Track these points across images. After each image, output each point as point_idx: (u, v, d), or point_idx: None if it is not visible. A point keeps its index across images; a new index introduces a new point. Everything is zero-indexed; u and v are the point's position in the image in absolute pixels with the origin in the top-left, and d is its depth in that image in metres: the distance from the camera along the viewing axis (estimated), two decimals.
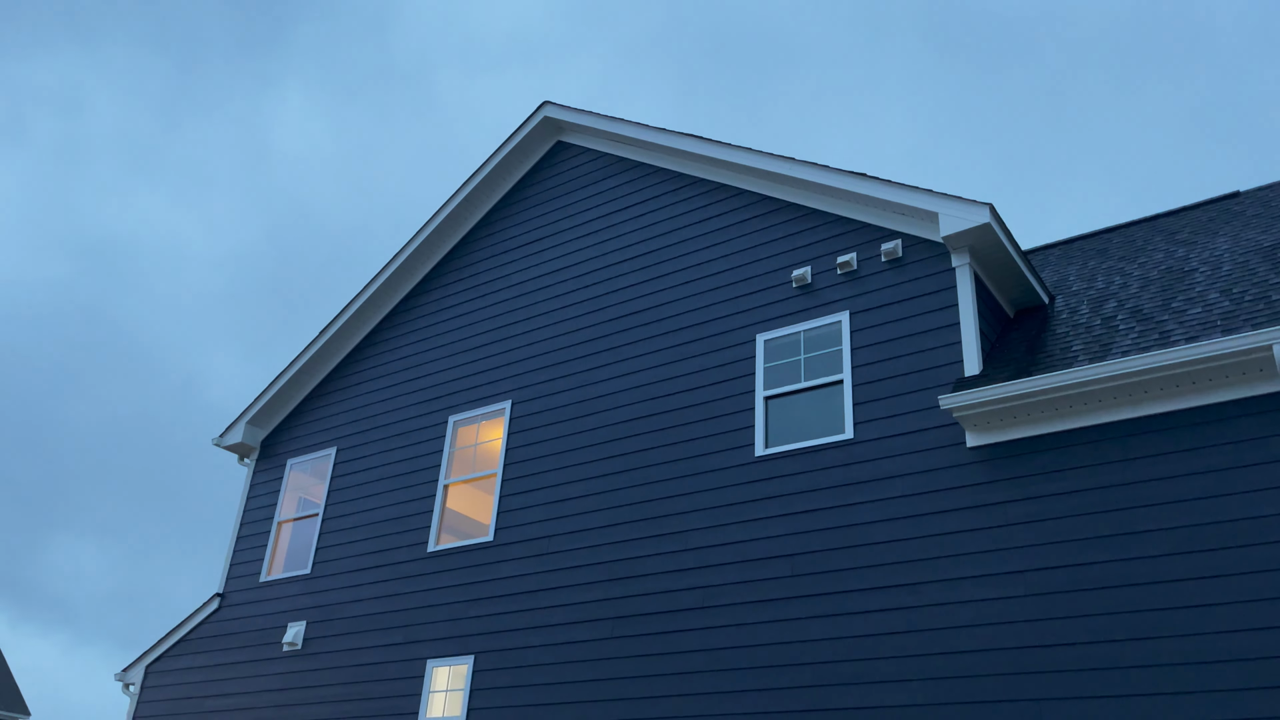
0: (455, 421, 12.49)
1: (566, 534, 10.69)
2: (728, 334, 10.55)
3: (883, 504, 8.75)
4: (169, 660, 13.53)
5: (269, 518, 13.78)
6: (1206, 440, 7.46)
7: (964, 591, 8.03)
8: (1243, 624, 6.84)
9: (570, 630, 10.12)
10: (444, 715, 10.61)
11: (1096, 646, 7.30)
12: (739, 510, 9.57)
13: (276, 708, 12.02)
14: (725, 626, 9.14)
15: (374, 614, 11.80)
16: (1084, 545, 7.64)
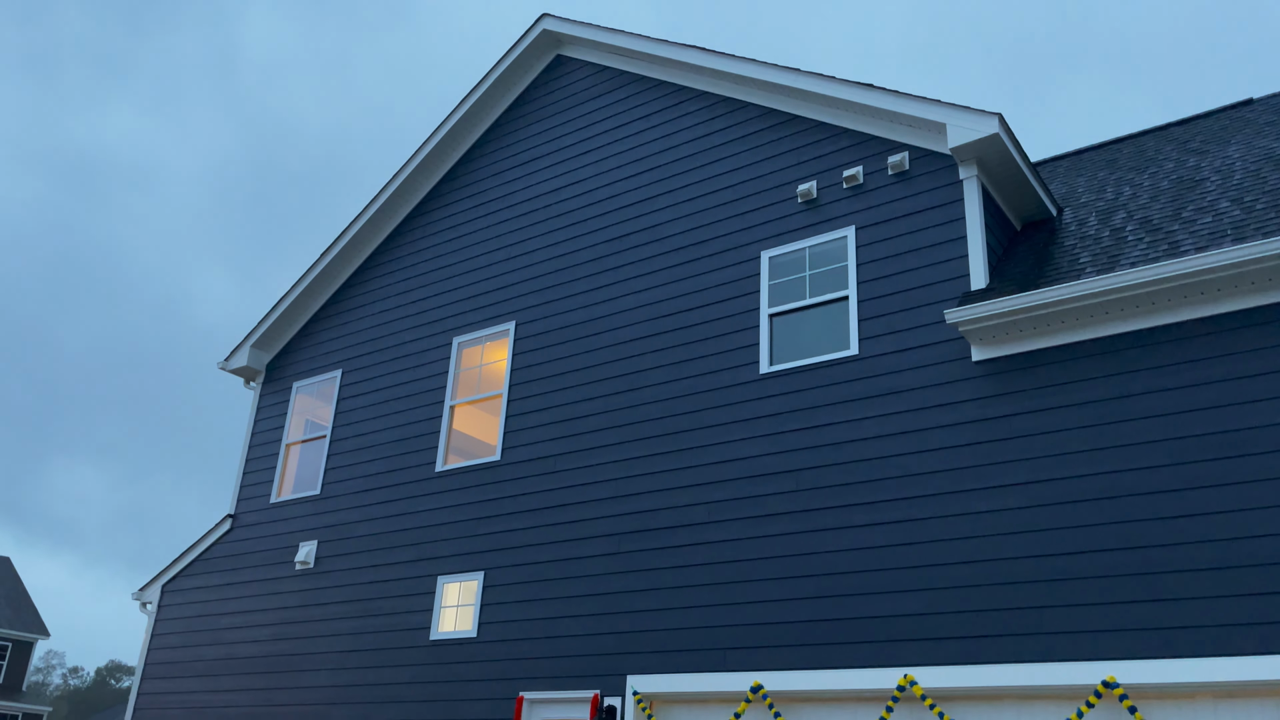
0: (459, 343, 12.49)
1: (572, 453, 10.77)
2: (732, 251, 10.46)
3: (887, 419, 8.78)
4: (184, 580, 13.78)
5: (277, 440, 13.89)
6: (1214, 351, 7.44)
7: (967, 504, 8.11)
8: (1249, 531, 6.91)
9: (577, 546, 10.27)
10: (455, 629, 10.83)
11: (1098, 555, 7.40)
12: (743, 427, 9.61)
13: (291, 624, 12.28)
14: (730, 541, 9.26)
15: (384, 533, 11.97)
16: (1087, 457, 7.68)
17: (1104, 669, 7.06)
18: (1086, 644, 7.22)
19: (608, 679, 9.48)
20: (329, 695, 11.49)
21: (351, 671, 11.43)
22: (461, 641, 10.70)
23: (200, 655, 13.01)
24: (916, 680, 7.79)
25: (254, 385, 14.61)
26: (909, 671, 7.87)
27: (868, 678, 8.06)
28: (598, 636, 9.73)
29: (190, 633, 13.30)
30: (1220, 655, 6.72)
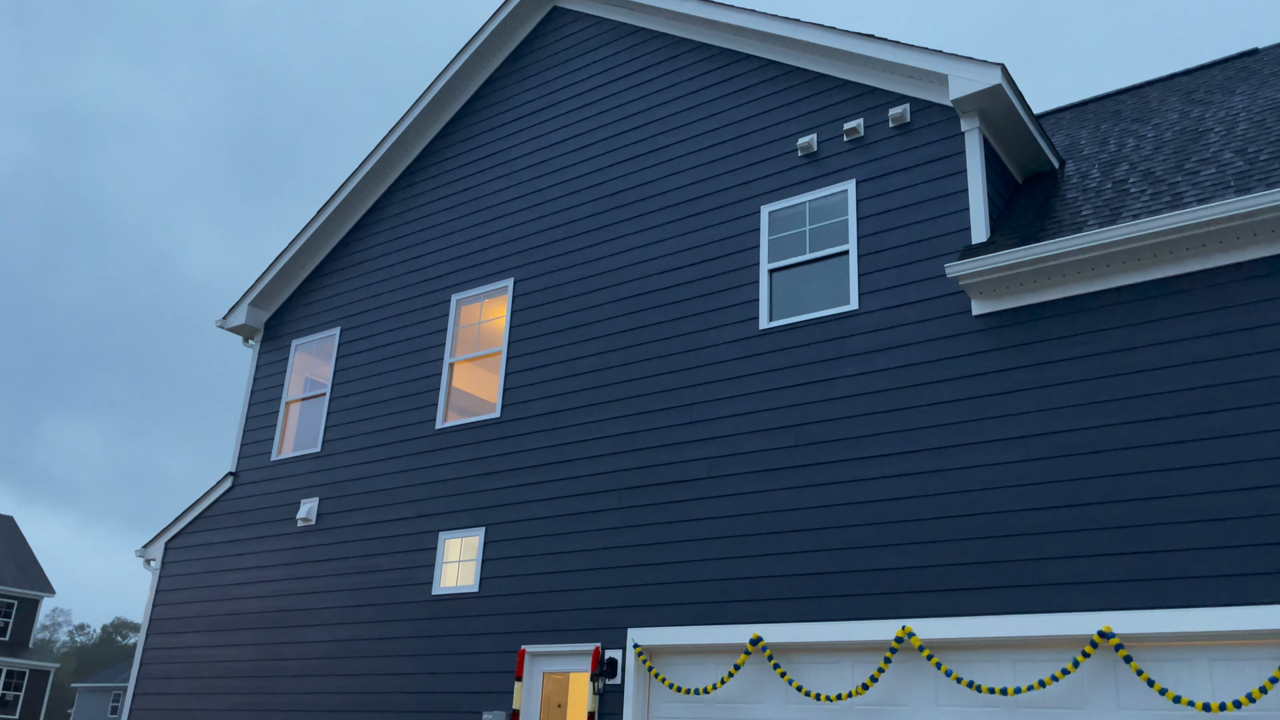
0: (458, 300, 12.45)
1: (573, 409, 10.78)
2: (732, 206, 10.39)
3: (886, 374, 8.78)
4: (187, 536, 13.87)
5: (277, 398, 13.90)
6: (1215, 303, 7.41)
7: (966, 457, 8.13)
8: (1247, 483, 6.94)
9: (578, 501, 10.32)
10: (457, 585, 10.92)
11: (1096, 508, 7.43)
12: (743, 383, 9.62)
13: (293, 580, 12.38)
14: (730, 496, 9.30)
15: (385, 489, 12.02)
16: (1088, 409, 7.69)
17: (1100, 619, 7.12)
18: (1083, 595, 7.29)
19: (609, 632, 9.58)
20: (332, 650, 11.62)
21: (354, 626, 11.54)
22: (463, 596, 10.79)
23: (204, 611, 13.14)
24: (915, 632, 7.86)
25: (253, 343, 14.59)
26: (907, 623, 7.94)
27: (866, 630, 8.13)
28: (599, 590, 9.82)
29: (194, 589, 13.41)
30: (1217, 605, 6.77)
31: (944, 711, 7.74)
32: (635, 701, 9.21)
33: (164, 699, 13.02)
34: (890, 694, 8.04)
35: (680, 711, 9.09)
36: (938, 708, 7.78)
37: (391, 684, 10.94)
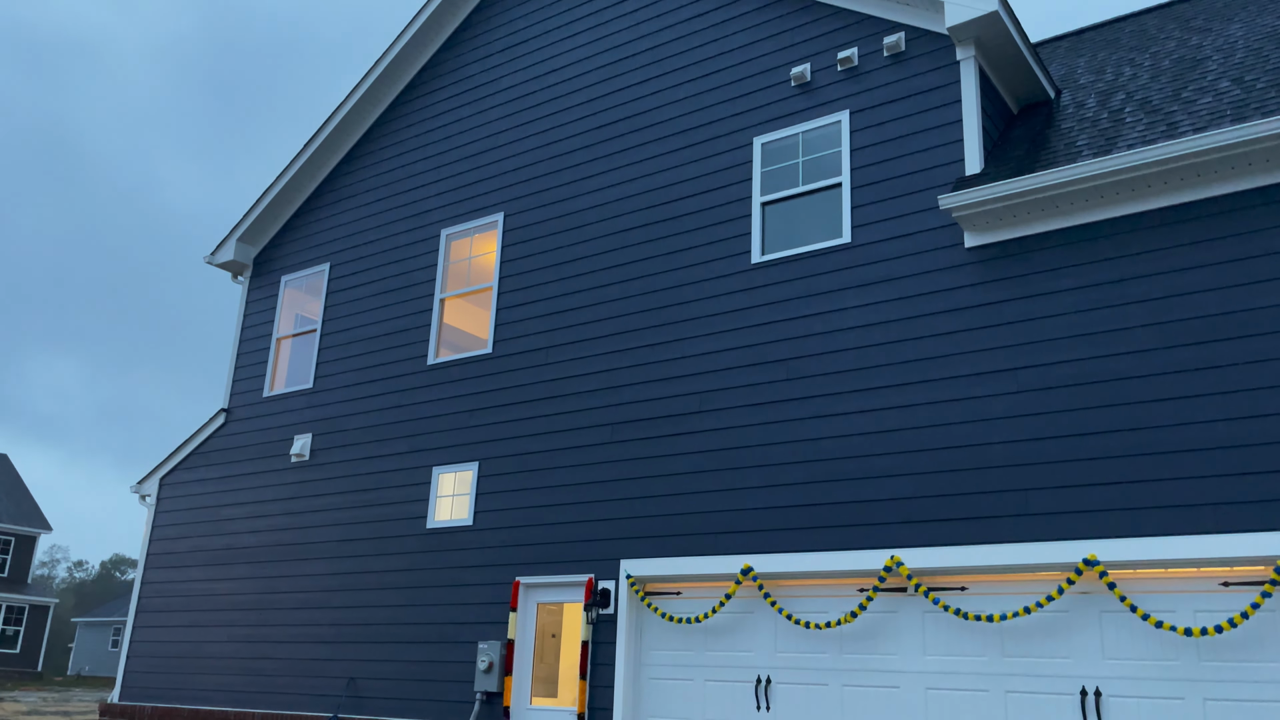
0: (448, 235, 12.35)
1: (564, 344, 10.78)
2: (724, 137, 10.27)
3: (879, 307, 8.77)
4: (181, 473, 13.93)
5: (267, 334, 13.86)
6: (1209, 234, 7.40)
7: (957, 389, 8.17)
8: (1235, 413, 7.00)
9: (571, 436, 10.37)
10: (451, 518, 11.01)
11: (1084, 439, 7.50)
12: (735, 317, 9.61)
13: (289, 515, 12.48)
14: (721, 429, 9.35)
15: (378, 425, 12.06)
16: (1079, 341, 7.72)
17: (1085, 548, 7.24)
18: (1070, 524, 7.39)
19: (602, 563, 9.70)
20: (329, 583, 11.76)
21: (350, 560, 11.67)
22: (458, 530, 10.90)
23: (201, 546, 13.25)
24: (903, 561, 7.98)
25: (242, 279, 14.49)
26: (896, 553, 8.06)
27: (855, 559, 8.25)
28: (592, 523, 9.92)
29: (190, 524, 13.51)
30: (1201, 533, 6.88)
31: (931, 638, 7.90)
32: (628, 631, 9.37)
33: (164, 632, 13.20)
34: (879, 622, 8.19)
35: (672, 640, 9.25)
36: (924, 635, 7.94)
37: (388, 615, 11.10)
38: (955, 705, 7.64)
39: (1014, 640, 7.52)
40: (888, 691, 7.97)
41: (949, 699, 7.68)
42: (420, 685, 10.57)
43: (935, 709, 7.71)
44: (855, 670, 8.16)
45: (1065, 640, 7.32)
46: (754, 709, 8.57)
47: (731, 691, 8.74)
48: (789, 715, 8.39)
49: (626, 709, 9.17)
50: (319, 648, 11.56)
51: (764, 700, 8.54)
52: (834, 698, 8.20)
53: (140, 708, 12.95)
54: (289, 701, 11.60)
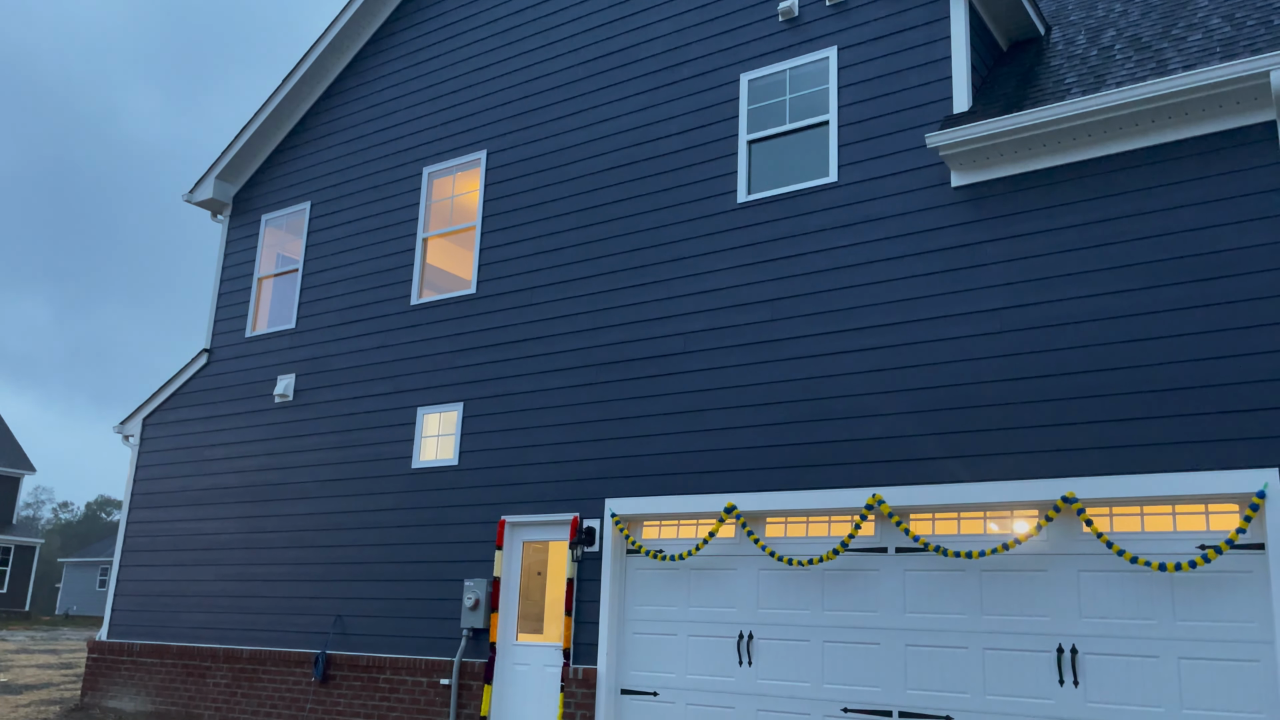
0: (430, 173, 12.19)
1: (548, 284, 10.72)
2: (711, 74, 10.12)
3: (864, 246, 8.75)
4: (164, 413, 13.88)
5: (248, 274, 13.72)
6: (1196, 172, 7.38)
7: (942, 330, 8.19)
8: (1216, 352, 7.05)
9: (555, 376, 10.37)
10: (437, 458, 11.04)
11: (1066, 378, 7.55)
12: (720, 258, 9.57)
13: (273, 455, 12.48)
14: (706, 370, 9.36)
15: (362, 365, 12.02)
16: (1064, 281, 7.73)
17: (1065, 485, 7.33)
18: (1050, 462, 7.47)
19: (587, 502, 9.78)
20: (315, 522, 11.81)
21: (336, 500, 11.71)
22: (443, 470, 10.93)
23: (186, 486, 13.26)
24: (884, 499, 8.07)
25: (221, 218, 14.30)
26: (878, 491, 8.14)
27: (838, 498, 8.34)
28: (576, 463, 9.97)
29: (175, 464, 13.50)
30: (1178, 471, 6.97)
31: (911, 597, 8.02)
32: (613, 568, 9.48)
33: (150, 571, 13.26)
34: (860, 560, 8.31)
35: (656, 596, 9.37)
36: (905, 593, 8.06)
37: (375, 554, 11.18)
38: (934, 662, 7.79)
39: (993, 599, 7.65)
40: (868, 648, 8.11)
41: (928, 655, 7.83)
42: (407, 622, 10.70)
43: (915, 665, 7.86)
44: (836, 627, 8.29)
45: (1043, 599, 7.45)
46: (736, 664, 8.72)
47: (714, 646, 8.88)
48: (771, 670, 8.54)
49: (611, 643, 9.31)
50: (306, 586, 11.65)
51: (746, 655, 8.69)
52: (815, 653, 8.35)
53: (129, 645, 13.07)
54: (277, 639, 11.72)
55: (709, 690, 8.79)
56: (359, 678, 10.83)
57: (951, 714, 7.60)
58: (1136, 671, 6.99)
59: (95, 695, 13.21)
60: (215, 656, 12.14)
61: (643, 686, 9.17)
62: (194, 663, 12.32)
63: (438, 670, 10.26)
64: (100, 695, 13.16)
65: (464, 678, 10.09)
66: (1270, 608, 6.60)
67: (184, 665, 12.42)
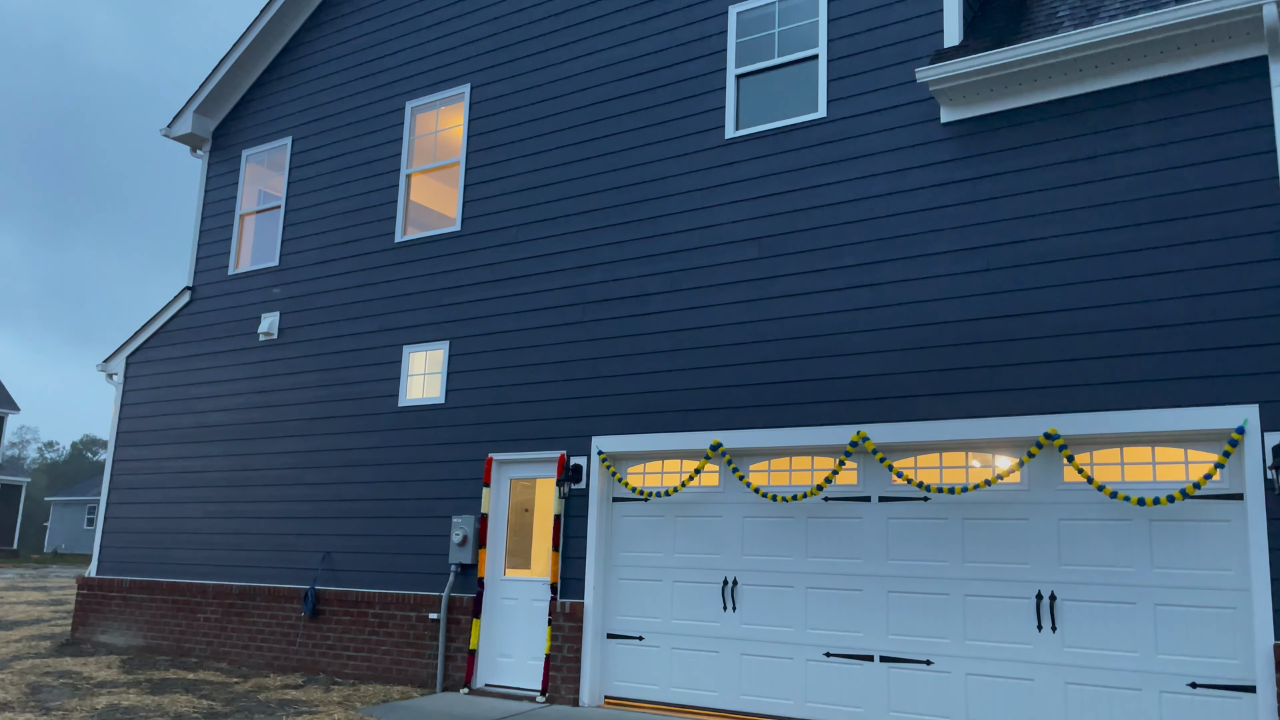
0: (413, 108, 12.00)
1: (534, 222, 10.63)
2: (699, 5, 9.94)
3: (852, 184, 8.70)
4: (148, 351, 13.80)
5: (230, 211, 13.55)
6: (1187, 109, 7.34)
7: (929, 267, 8.19)
8: (1200, 289, 7.09)
9: (542, 315, 10.34)
10: (423, 396, 11.05)
11: (1051, 315, 7.58)
12: (708, 195, 9.50)
13: (259, 393, 12.45)
14: (693, 308, 9.35)
15: (346, 304, 11.95)
16: (1050, 219, 7.72)
17: (1047, 422, 7.41)
18: (1033, 400, 7.54)
19: (574, 440, 9.82)
20: (302, 460, 11.83)
21: (322, 438, 11.72)
22: (429, 408, 10.94)
23: (172, 424, 13.24)
24: (869, 436, 8.14)
25: (201, 153, 14.07)
26: (863, 428, 8.20)
27: (823, 435, 8.40)
28: (563, 401, 9.99)
29: (159, 403, 13.47)
30: (1159, 407, 7.04)
31: (894, 545, 8.12)
32: (600, 505, 9.56)
33: (138, 508, 13.30)
34: (843, 508, 8.40)
35: (642, 524, 9.46)
36: (888, 541, 8.16)
37: (363, 491, 11.24)
38: (915, 607, 7.91)
39: (974, 547, 7.75)
40: (851, 594, 8.23)
41: (910, 602, 7.95)
42: (396, 558, 10.79)
43: (896, 611, 7.99)
44: (820, 574, 8.40)
45: (1024, 547, 7.55)
46: (721, 609, 8.85)
47: (699, 592, 8.99)
48: (755, 616, 8.67)
49: (597, 579, 9.43)
50: (294, 523, 11.72)
51: (731, 601, 8.81)
52: (798, 599, 8.47)
53: (119, 581, 13.16)
54: (266, 574, 11.81)
55: (693, 635, 8.93)
56: (349, 612, 10.95)
57: (932, 658, 7.77)
58: (1113, 618, 7.13)
59: (86, 630, 13.33)
60: (205, 592, 12.24)
61: (628, 631, 9.31)
62: (184, 598, 12.43)
63: (426, 605, 10.38)
64: (91, 630, 13.28)
65: (452, 612, 10.22)
66: (1247, 557, 6.72)
67: (174, 601, 12.52)
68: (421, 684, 10.20)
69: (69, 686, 9.88)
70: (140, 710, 8.70)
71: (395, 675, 10.42)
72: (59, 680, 10.24)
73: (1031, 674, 7.35)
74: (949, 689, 7.64)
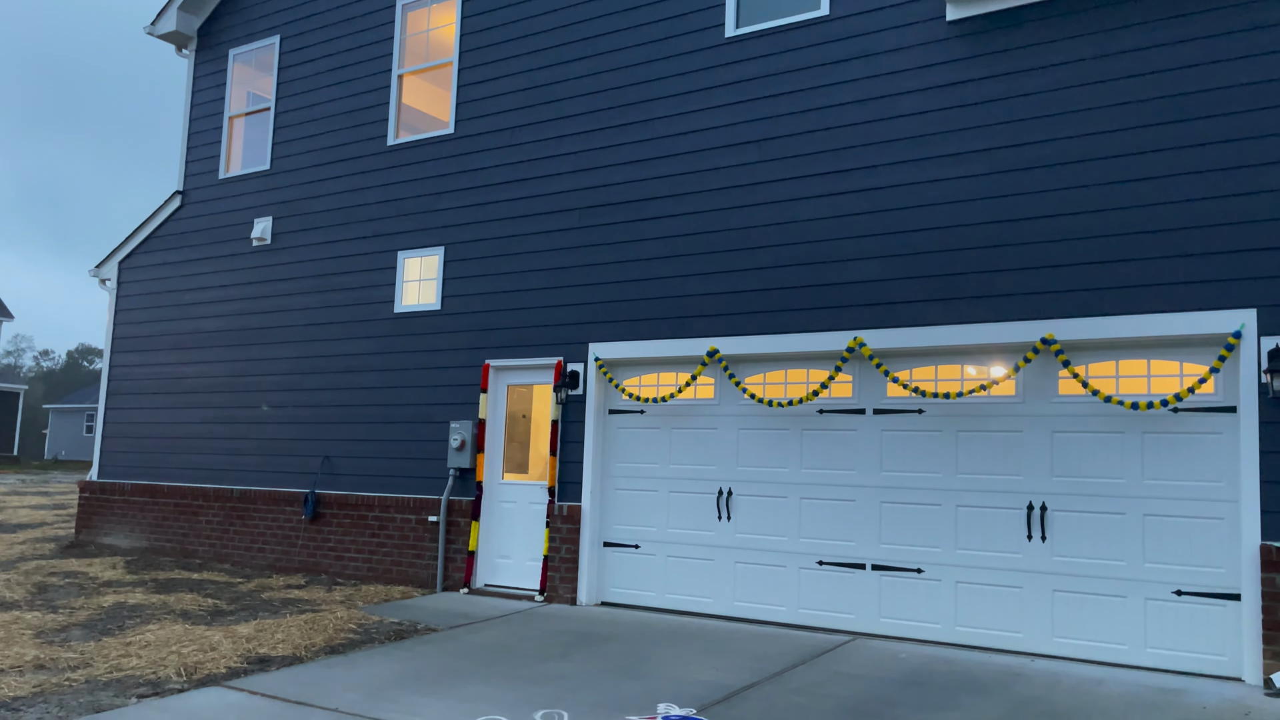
0: (404, 5, 11.65)
1: (530, 124, 10.43)
2: None
3: (854, 84, 8.51)
4: (141, 257, 13.68)
5: (219, 113, 13.27)
6: (1195, 6, 7.13)
7: (930, 171, 8.08)
8: (1208, 192, 7.00)
9: (538, 220, 10.22)
10: (419, 302, 11.00)
11: (1051, 220, 7.51)
12: (707, 95, 9.30)
13: (254, 299, 12.39)
14: (691, 213, 9.25)
15: (340, 208, 11.80)
16: (1053, 121, 7.58)
17: (1044, 327, 7.40)
18: (1031, 305, 7.51)
19: (570, 347, 9.82)
20: (299, 365, 11.84)
21: (319, 344, 11.70)
22: (425, 314, 10.90)
23: (167, 330, 13.21)
24: (866, 342, 8.14)
25: (186, 52, 13.71)
26: (859, 334, 8.20)
27: (819, 341, 8.40)
28: (560, 307, 9.95)
29: (154, 309, 13.41)
30: (1156, 312, 7.03)
31: (888, 456, 8.17)
32: (596, 411, 9.61)
33: (137, 414, 13.36)
34: (838, 420, 8.44)
35: (638, 436, 9.52)
36: (882, 453, 8.20)
37: (360, 397, 11.27)
38: (908, 517, 8.01)
39: (968, 459, 7.80)
40: (844, 505, 8.31)
41: (902, 512, 8.04)
42: (394, 463, 10.89)
43: (889, 521, 8.08)
44: (814, 485, 8.48)
45: (1017, 459, 7.60)
46: (716, 519, 8.95)
47: (694, 503, 9.09)
48: (749, 525, 8.77)
49: (595, 483, 9.54)
50: (292, 428, 11.79)
51: (726, 511, 8.91)
52: (792, 509, 8.56)
53: (120, 485, 13.29)
54: (266, 479, 11.93)
55: (689, 544, 9.07)
56: (348, 515, 11.10)
57: (922, 567, 7.90)
58: (1103, 528, 7.23)
59: (89, 533, 13.53)
60: (206, 496, 12.38)
61: (625, 540, 9.45)
62: (185, 501, 12.58)
63: (425, 508, 10.52)
64: (94, 533, 13.47)
65: (451, 515, 10.36)
66: (1238, 466, 6.77)
67: (175, 504, 12.68)
68: (422, 584, 10.40)
69: (75, 586, 10.07)
70: (147, 608, 8.88)
71: (396, 576, 10.62)
72: (65, 580, 10.43)
73: (1020, 582, 7.49)
74: (938, 596, 7.81)
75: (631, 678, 6.50)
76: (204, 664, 6.73)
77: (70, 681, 6.23)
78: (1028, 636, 7.41)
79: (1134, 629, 7.03)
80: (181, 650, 7.10)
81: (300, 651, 7.23)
